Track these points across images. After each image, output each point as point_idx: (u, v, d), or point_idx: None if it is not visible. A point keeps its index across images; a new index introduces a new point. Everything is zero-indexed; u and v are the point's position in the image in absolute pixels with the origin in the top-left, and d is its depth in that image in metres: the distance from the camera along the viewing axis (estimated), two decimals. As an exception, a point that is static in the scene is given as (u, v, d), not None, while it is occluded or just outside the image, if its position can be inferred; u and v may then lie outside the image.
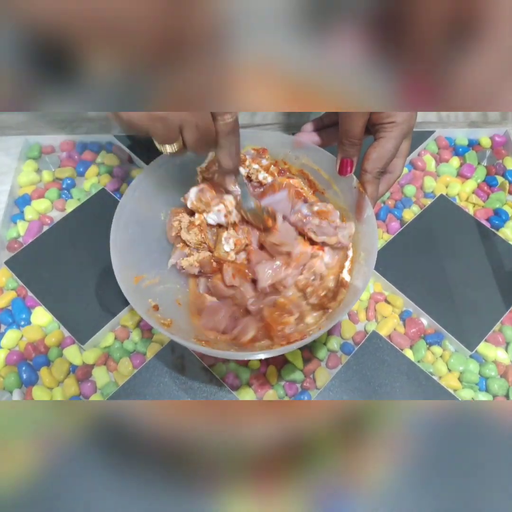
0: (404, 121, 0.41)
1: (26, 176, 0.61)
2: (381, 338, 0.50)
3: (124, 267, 0.42)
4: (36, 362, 0.49)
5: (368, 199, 0.42)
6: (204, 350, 0.39)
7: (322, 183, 0.48)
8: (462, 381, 0.49)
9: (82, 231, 0.56)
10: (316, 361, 0.50)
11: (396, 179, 0.45)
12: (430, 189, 0.61)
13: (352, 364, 0.49)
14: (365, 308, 0.53)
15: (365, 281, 0.41)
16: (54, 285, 0.53)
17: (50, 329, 0.51)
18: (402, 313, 0.53)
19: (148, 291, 0.44)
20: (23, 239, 0.57)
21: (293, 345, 0.39)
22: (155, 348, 0.50)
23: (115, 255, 0.41)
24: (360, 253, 0.44)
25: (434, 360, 0.50)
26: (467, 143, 0.65)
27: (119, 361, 0.49)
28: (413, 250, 0.56)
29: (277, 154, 0.49)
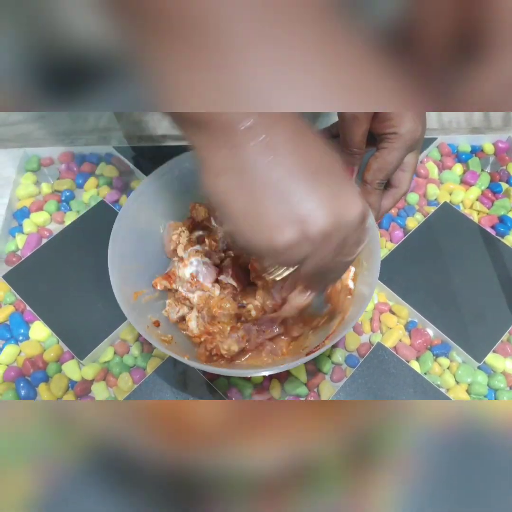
0: (407, 132, 0.39)
1: (24, 188, 0.60)
2: (386, 350, 0.49)
3: (123, 284, 0.41)
4: (35, 378, 0.48)
5: (370, 209, 0.42)
6: (206, 368, 0.38)
7: None
8: (471, 393, 0.48)
9: (81, 243, 0.55)
10: (320, 374, 0.49)
11: (402, 194, 0.44)
12: (434, 197, 0.60)
13: (357, 377, 0.48)
14: (369, 319, 0.52)
15: (370, 289, 0.40)
16: (52, 299, 0.52)
17: (48, 344, 0.50)
18: (407, 324, 0.52)
19: (148, 306, 0.43)
20: (22, 253, 0.56)
21: (305, 358, 0.38)
22: (156, 362, 0.49)
23: (114, 271, 0.40)
24: (363, 263, 0.43)
25: (441, 372, 0.49)
26: (470, 150, 0.65)
27: (118, 376, 0.48)
28: (418, 259, 0.55)
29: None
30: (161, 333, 0.41)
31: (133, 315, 0.39)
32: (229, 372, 0.40)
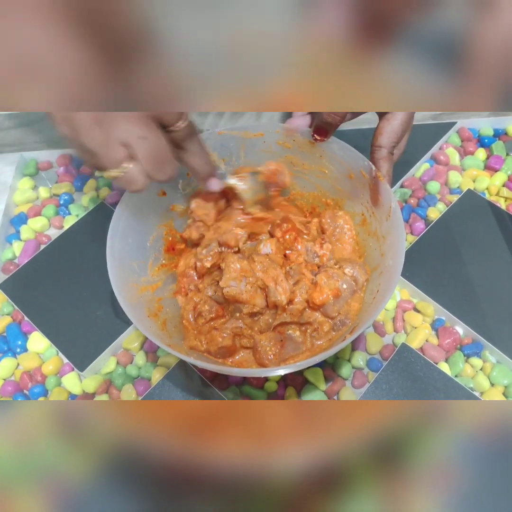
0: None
1: (22, 194, 0.58)
2: (412, 352, 0.45)
3: (124, 284, 0.38)
4: (33, 392, 0.45)
5: (386, 180, 0.39)
6: (219, 369, 0.36)
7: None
8: (508, 396, 0.44)
9: (80, 248, 0.52)
10: (339, 380, 0.45)
11: (400, 156, 0.42)
12: (456, 185, 0.56)
13: (381, 382, 0.43)
14: (392, 319, 0.48)
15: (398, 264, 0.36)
16: (51, 308, 0.49)
17: (47, 355, 0.47)
18: (434, 322, 0.47)
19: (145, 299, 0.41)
20: (19, 260, 0.53)
21: (320, 355, 0.34)
22: (161, 372, 0.45)
23: (113, 268, 0.38)
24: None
25: (474, 374, 0.45)
26: (493, 133, 0.60)
27: (121, 388, 0.45)
28: (442, 252, 0.50)
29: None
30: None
31: (130, 307, 0.37)
32: (240, 372, 0.38)
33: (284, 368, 0.35)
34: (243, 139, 0.44)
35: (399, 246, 0.36)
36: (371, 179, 0.40)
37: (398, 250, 0.36)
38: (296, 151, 0.44)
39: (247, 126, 0.44)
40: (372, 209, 0.41)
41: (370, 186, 0.40)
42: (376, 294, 0.38)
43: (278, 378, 0.45)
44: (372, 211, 0.41)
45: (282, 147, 0.44)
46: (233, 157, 0.45)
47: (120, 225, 0.41)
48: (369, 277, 0.41)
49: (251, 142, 0.44)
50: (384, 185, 0.39)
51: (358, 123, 0.59)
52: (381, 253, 0.40)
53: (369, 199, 0.41)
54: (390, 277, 0.37)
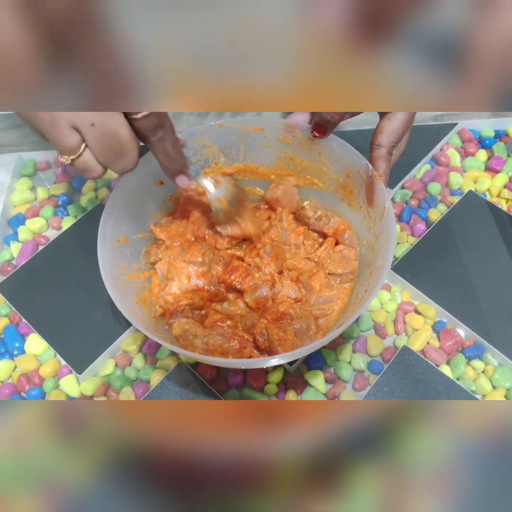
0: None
1: (19, 194, 0.57)
2: (413, 354, 0.44)
3: (114, 268, 0.39)
4: (30, 395, 0.45)
5: (382, 180, 0.39)
6: (215, 361, 0.36)
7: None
8: (510, 398, 0.43)
9: (78, 250, 0.52)
10: (340, 383, 0.44)
11: (399, 156, 0.42)
12: (457, 186, 0.56)
13: (382, 385, 0.43)
14: (393, 321, 0.48)
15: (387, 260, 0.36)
16: (49, 310, 0.48)
17: (45, 358, 0.47)
18: (435, 325, 0.47)
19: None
20: (17, 261, 0.53)
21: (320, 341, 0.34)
22: (160, 375, 0.45)
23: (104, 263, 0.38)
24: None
25: (476, 377, 0.44)
26: (494, 135, 0.60)
27: (120, 390, 0.45)
28: (443, 253, 0.50)
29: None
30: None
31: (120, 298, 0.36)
32: (237, 363, 0.38)
33: (280, 357, 0.35)
34: (243, 133, 0.44)
35: (389, 247, 0.36)
36: (368, 179, 0.40)
37: (388, 251, 0.36)
38: (296, 147, 0.44)
39: (248, 120, 0.44)
40: (367, 208, 0.41)
41: (366, 185, 0.40)
42: (365, 294, 0.38)
43: (279, 381, 0.44)
44: (367, 210, 0.41)
45: (282, 142, 0.44)
46: (233, 151, 0.45)
47: (115, 210, 0.41)
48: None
49: (251, 137, 0.44)
50: (379, 184, 0.39)
51: (358, 123, 0.58)
52: (374, 253, 0.40)
53: (364, 199, 0.41)
54: (377, 278, 0.37)
